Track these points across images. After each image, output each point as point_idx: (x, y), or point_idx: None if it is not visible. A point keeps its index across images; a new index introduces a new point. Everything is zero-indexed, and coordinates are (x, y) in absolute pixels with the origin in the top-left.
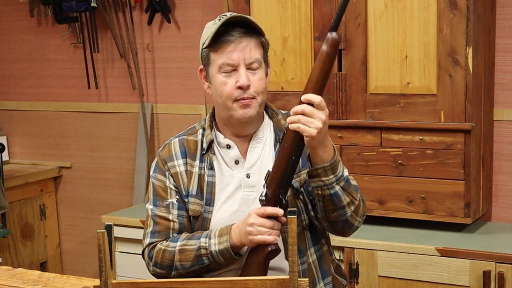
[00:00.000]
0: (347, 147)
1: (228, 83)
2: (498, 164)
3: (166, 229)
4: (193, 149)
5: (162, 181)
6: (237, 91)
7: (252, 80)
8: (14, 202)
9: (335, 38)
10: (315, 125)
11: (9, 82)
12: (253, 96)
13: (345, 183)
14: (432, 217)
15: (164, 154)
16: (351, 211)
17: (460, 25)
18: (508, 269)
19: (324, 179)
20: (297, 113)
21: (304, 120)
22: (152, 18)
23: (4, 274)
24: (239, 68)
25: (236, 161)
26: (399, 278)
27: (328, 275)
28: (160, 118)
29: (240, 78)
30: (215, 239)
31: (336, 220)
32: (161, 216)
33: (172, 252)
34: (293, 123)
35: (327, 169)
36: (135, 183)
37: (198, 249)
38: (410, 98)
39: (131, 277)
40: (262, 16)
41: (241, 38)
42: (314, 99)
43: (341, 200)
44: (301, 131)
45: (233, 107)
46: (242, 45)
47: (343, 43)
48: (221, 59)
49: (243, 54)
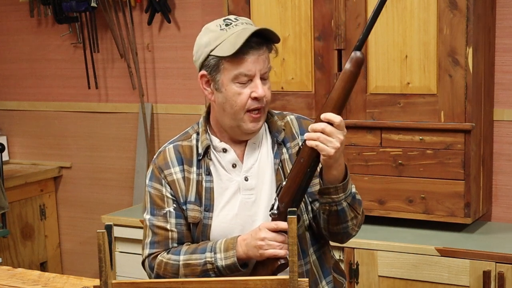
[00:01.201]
0: (347, 147)
1: (243, 93)
2: (498, 164)
3: (164, 239)
4: (189, 155)
5: (158, 190)
6: (252, 101)
7: (264, 90)
8: (14, 202)
9: (359, 57)
10: (333, 144)
11: (9, 82)
12: (264, 105)
13: (352, 199)
14: (432, 217)
15: (160, 161)
16: (353, 224)
17: (460, 25)
18: (508, 269)
19: (334, 197)
20: (317, 131)
21: (323, 138)
22: (152, 18)
23: (4, 274)
24: (254, 78)
25: (234, 164)
26: (399, 278)
27: (329, 274)
28: (160, 118)
29: (257, 90)
30: (221, 254)
31: (337, 232)
32: (159, 226)
33: (175, 266)
34: (311, 140)
35: (338, 188)
36: (135, 183)
37: (204, 264)
38: (410, 98)
39: (131, 277)
40: (262, 16)
41: (260, 50)
42: (335, 119)
43: (346, 216)
44: (319, 150)
45: (243, 119)
46: (262, 57)
47: (343, 43)
48: (238, 69)
49: (260, 65)
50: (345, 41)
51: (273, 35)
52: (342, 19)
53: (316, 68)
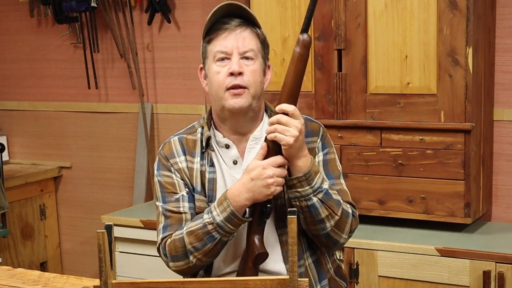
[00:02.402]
0: (347, 147)
1: (221, 72)
2: (498, 164)
3: (178, 221)
4: (192, 147)
5: (168, 176)
6: (229, 78)
7: (245, 69)
8: (14, 202)
9: (306, 39)
10: (291, 133)
11: (9, 82)
12: (244, 85)
13: (324, 196)
14: (432, 217)
15: (165, 151)
16: (331, 226)
17: (460, 25)
18: (508, 269)
19: (299, 190)
20: (273, 123)
21: (280, 129)
22: (152, 18)
23: (4, 274)
24: (232, 56)
25: (235, 161)
26: (399, 278)
27: (324, 278)
28: (160, 118)
29: (232, 65)
30: (216, 210)
31: (317, 234)
32: (172, 210)
33: (181, 239)
34: (270, 133)
35: (301, 179)
36: (135, 183)
37: (204, 226)
38: (410, 98)
39: (131, 277)
40: (262, 16)
41: (235, 26)
42: (288, 109)
43: (319, 213)
44: (278, 140)
45: (224, 97)
46: (236, 33)
47: (343, 43)
48: (215, 47)
49: (237, 42)
50: (345, 41)
51: (249, 14)
52: (342, 19)
53: (316, 68)
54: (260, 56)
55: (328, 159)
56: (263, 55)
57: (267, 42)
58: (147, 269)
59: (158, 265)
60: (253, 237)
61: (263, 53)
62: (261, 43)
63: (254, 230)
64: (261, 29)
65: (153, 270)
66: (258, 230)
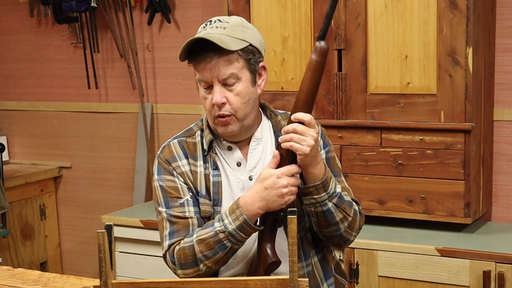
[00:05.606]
0: (347, 147)
1: (207, 98)
2: (498, 164)
3: (185, 226)
4: (193, 150)
5: (171, 180)
6: (214, 108)
7: (228, 97)
8: (14, 202)
9: (324, 47)
10: (307, 143)
11: (9, 82)
12: (230, 113)
13: (338, 200)
14: (432, 217)
15: (166, 155)
16: (344, 227)
17: (460, 25)
18: (508, 269)
19: (316, 197)
20: (289, 132)
21: (296, 138)
22: (152, 18)
23: (4, 274)
24: (214, 85)
25: (238, 163)
26: (399, 278)
27: (330, 276)
28: (160, 118)
29: (213, 96)
30: (228, 219)
31: (330, 235)
32: (177, 216)
33: (191, 247)
34: (285, 142)
35: (318, 187)
36: (135, 183)
37: (216, 234)
38: (410, 98)
39: (131, 277)
40: (262, 16)
41: (211, 57)
42: (304, 118)
43: (334, 217)
44: (294, 150)
45: (214, 122)
46: (211, 64)
47: (343, 43)
48: (197, 75)
49: (214, 72)
50: (345, 41)
51: (225, 43)
52: (342, 19)
53: None
54: (246, 70)
55: (330, 157)
56: (249, 66)
57: (255, 47)
58: (147, 269)
59: (158, 265)
60: (265, 246)
61: (249, 63)
62: (245, 54)
63: (266, 238)
64: (247, 46)
65: (153, 270)
66: (269, 238)
